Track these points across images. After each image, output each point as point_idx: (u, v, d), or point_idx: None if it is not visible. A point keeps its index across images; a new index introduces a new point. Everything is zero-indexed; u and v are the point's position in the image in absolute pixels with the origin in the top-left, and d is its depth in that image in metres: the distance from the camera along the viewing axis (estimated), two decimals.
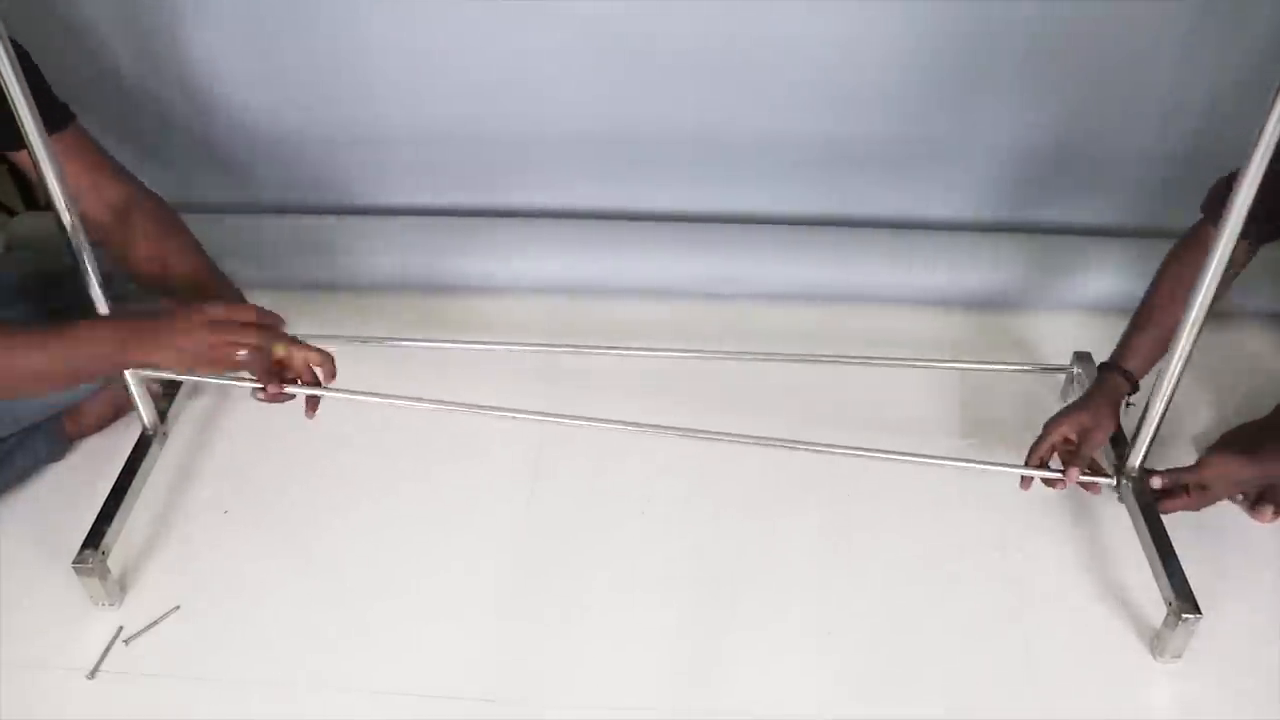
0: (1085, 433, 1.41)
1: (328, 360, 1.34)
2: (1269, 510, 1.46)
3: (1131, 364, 1.44)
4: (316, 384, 1.36)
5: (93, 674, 1.32)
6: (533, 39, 1.70)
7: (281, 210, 1.97)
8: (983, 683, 1.32)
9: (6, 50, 1.10)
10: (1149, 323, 1.44)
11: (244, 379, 1.34)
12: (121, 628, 1.37)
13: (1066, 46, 1.66)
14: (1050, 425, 1.43)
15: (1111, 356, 1.47)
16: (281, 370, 1.33)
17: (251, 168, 1.93)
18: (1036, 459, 1.43)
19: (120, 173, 1.43)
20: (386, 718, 1.27)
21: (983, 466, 1.52)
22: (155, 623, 1.37)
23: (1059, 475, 1.39)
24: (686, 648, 1.35)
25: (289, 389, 1.34)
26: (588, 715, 1.28)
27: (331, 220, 1.92)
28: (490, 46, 1.71)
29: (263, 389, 1.32)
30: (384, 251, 1.88)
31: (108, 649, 1.35)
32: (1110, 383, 1.45)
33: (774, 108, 1.78)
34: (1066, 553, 1.47)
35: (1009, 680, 1.32)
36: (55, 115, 1.34)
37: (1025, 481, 1.43)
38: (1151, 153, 1.81)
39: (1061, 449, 1.43)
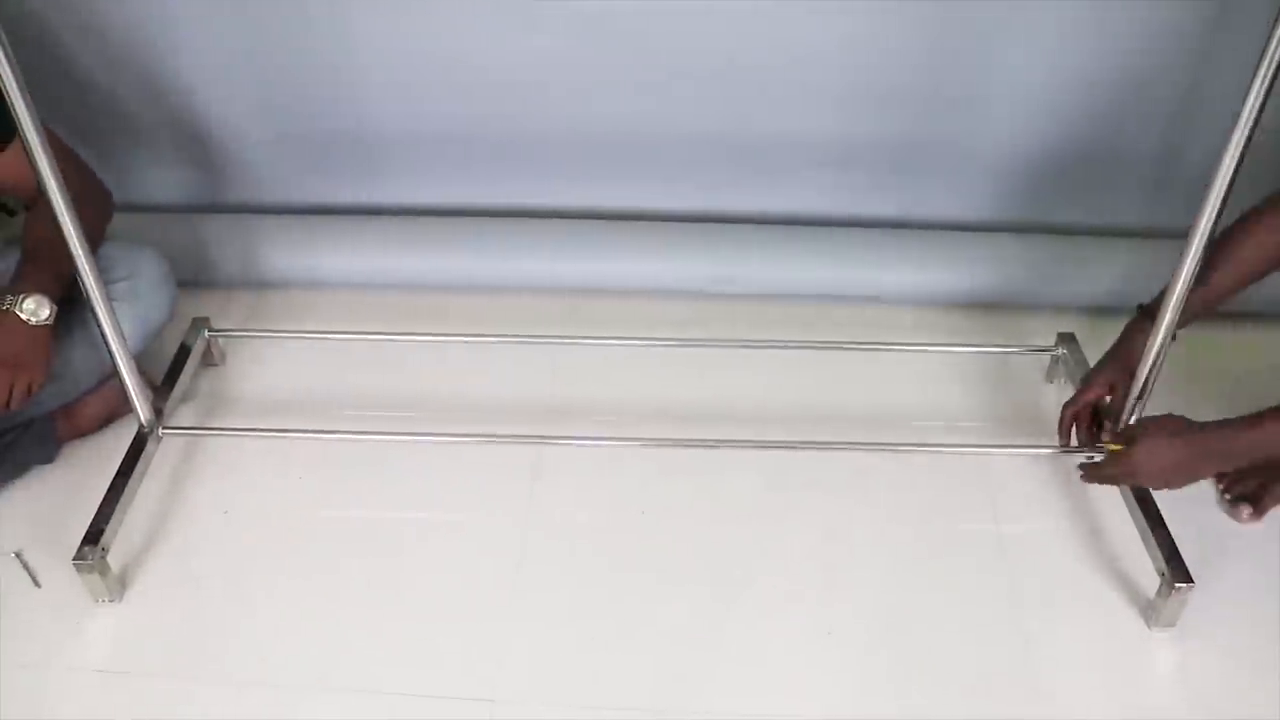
0: (1113, 389, 1.43)
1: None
2: (1245, 509, 1.49)
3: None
4: None
5: None
6: (533, 39, 1.69)
7: (279, 210, 1.96)
8: (981, 671, 1.33)
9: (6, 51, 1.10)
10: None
11: None
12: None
13: (1067, 49, 1.66)
14: (1085, 388, 1.45)
15: (1151, 301, 1.42)
16: None
17: (248, 168, 1.92)
18: (1066, 429, 1.48)
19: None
20: (386, 718, 1.28)
21: (980, 450, 1.57)
22: None
23: (1086, 450, 1.46)
24: (686, 648, 1.35)
25: None
26: (587, 715, 1.28)
27: (332, 220, 1.92)
28: (491, 46, 1.70)
29: None
30: (384, 250, 1.88)
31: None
32: (1141, 326, 1.42)
33: (775, 108, 1.77)
34: (1061, 529, 1.49)
35: (1007, 665, 1.33)
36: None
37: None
38: (1151, 154, 1.81)
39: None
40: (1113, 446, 1.41)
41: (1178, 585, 1.32)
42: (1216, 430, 1.31)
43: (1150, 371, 1.39)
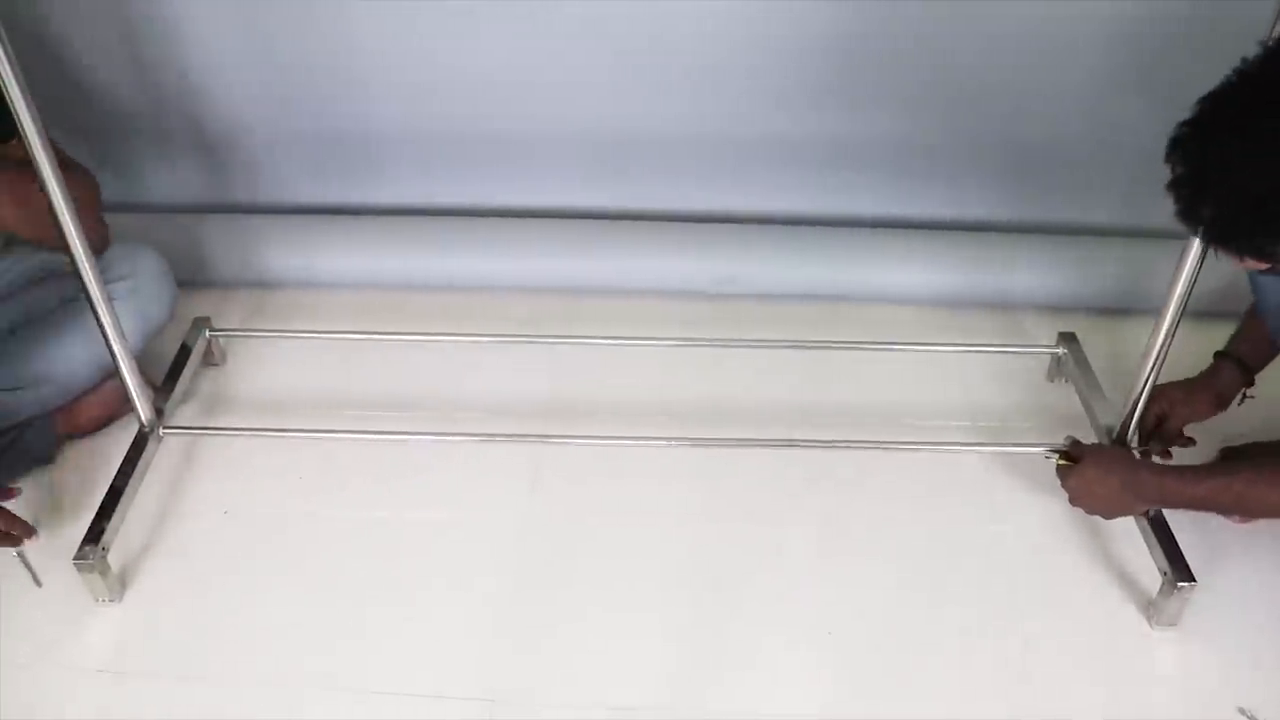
0: (1173, 408, 1.46)
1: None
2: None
3: (1245, 351, 1.43)
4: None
5: None
6: (532, 39, 1.69)
7: (279, 210, 1.97)
8: (982, 670, 1.33)
9: (5, 48, 1.10)
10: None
11: None
12: None
13: (1067, 48, 1.66)
14: (1150, 400, 1.45)
15: (1226, 345, 1.46)
16: None
17: (248, 167, 1.93)
18: (1143, 432, 1.49)
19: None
20: (386, 718, 1.28)
21: (980, 450, 1.58)
22: None
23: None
24: (686, 648, 1.35)
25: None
26: (587, 715, 1.28)
27: (332, 220, 1.92)
28: (490, 47, 1.71)
29: None
30: (384, 250, 1.88)
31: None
32: (1217, 369, 1.45)
33: (774, 108, 1.78)
34: (1061, 528, 1.49)
35: (1007, 665, 1.33)
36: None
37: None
38: (1152, 154, 1.78)
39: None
40: (1061, 461, 1.44)
41: (1180, 584, 1.32)
42: (1154, 478, 1.34)
43: (1150, 371, 1.39)
